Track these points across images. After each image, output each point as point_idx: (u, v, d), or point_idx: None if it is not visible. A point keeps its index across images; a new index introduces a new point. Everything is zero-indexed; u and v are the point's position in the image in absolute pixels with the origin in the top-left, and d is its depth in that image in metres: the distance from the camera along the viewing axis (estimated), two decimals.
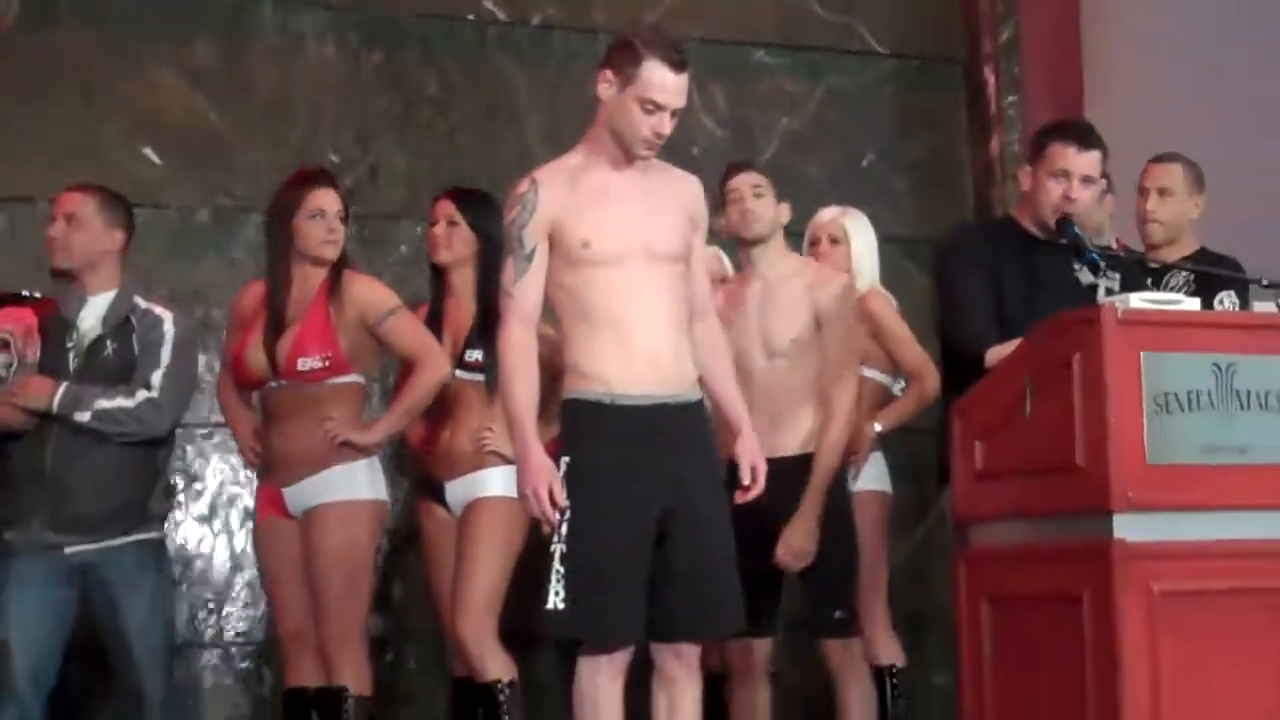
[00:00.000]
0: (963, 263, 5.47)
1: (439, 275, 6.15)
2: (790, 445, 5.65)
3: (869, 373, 6.16)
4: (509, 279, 4.77)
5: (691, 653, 4.82)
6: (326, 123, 7.08)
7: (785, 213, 5.82)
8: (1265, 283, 5.31)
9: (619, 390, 4.75)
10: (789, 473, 5.54)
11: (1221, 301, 5.51)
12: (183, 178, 6.87)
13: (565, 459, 4.70)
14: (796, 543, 5.58)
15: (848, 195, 6.55)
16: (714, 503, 4.83)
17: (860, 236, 6.29)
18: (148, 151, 6.83)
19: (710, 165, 5.88)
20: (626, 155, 4.82)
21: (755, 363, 5.71)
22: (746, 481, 4.86)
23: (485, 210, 6.09)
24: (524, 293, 4.75)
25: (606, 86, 4.77)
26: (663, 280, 4.80)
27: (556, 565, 4.66)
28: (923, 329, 6.08)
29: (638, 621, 4.70)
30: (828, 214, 6.35)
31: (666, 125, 4.77)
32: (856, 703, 5.68)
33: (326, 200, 5.81)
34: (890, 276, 6.35)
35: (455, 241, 6.08)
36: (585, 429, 4.75)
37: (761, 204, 5.75)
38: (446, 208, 6.10)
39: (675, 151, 7.05)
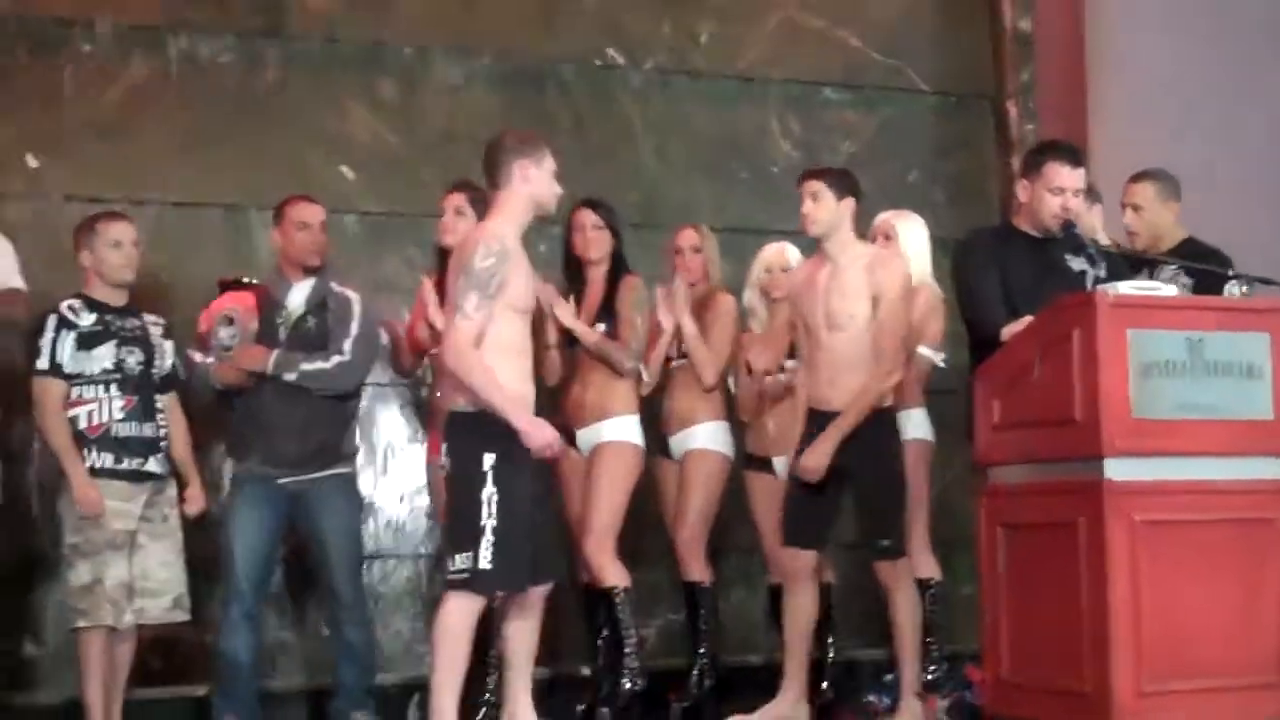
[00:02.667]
0: (978, 260, 5.38)
1: (579, 268, 6.06)
2: (843, 401, 5.48)
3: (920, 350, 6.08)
4: (472, 306, 4.82)
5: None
6: (483, 147, 7.06)
7: (847, 207, 5.55)
8: (1231, 274, 5.22)
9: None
10: None
11: (1232, 290, 5.14)
12: (370, 190, 6.88)
13: (490, 455, 4.78)
14: (810, 462, 5.44)
15: (896, 206, 6.43)
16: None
17: (908, 233, 6.12)
18: (344, 169, 6.85)
19: (787, 181, 5.81)
20: (541, 217, 5.14)
21: (821, 334, 5.55)
22: None
23: (615, 216, 6.06)
24: (479, 320, 4.82)
25: (525, 181, 5.02)
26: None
27: (488, 536, 4.76)
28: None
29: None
30: (883, 215, 6.20)
31: None
32: (905, 608, 5.59)
33: (454, 203, 5.81)
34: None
35: (602, 243, 6.00)
36: (504, 433, 4.80)
37: (817, 207, 5.52)
38: (590, 215, 6.00)
39: (757, 171, 7.11)
